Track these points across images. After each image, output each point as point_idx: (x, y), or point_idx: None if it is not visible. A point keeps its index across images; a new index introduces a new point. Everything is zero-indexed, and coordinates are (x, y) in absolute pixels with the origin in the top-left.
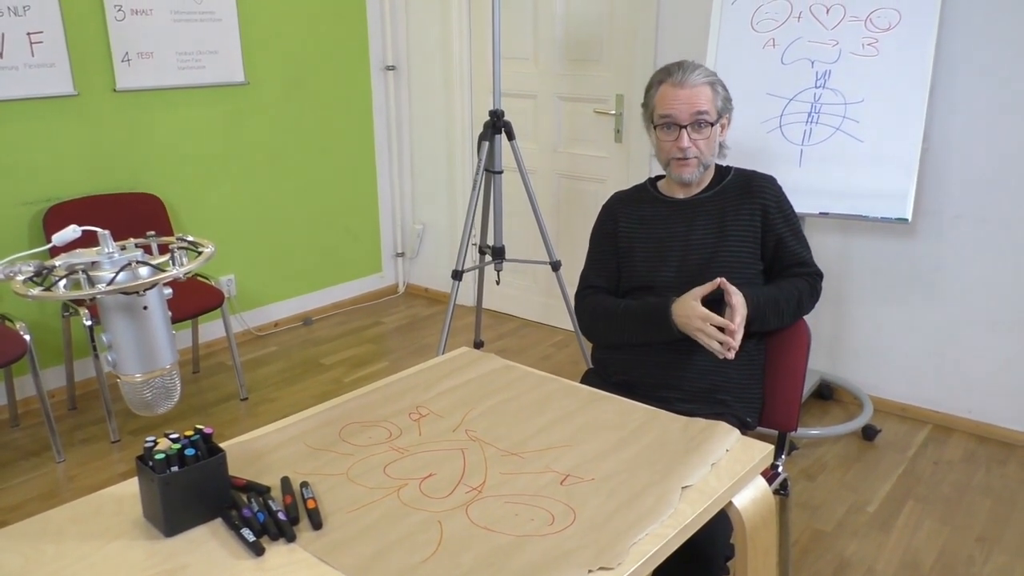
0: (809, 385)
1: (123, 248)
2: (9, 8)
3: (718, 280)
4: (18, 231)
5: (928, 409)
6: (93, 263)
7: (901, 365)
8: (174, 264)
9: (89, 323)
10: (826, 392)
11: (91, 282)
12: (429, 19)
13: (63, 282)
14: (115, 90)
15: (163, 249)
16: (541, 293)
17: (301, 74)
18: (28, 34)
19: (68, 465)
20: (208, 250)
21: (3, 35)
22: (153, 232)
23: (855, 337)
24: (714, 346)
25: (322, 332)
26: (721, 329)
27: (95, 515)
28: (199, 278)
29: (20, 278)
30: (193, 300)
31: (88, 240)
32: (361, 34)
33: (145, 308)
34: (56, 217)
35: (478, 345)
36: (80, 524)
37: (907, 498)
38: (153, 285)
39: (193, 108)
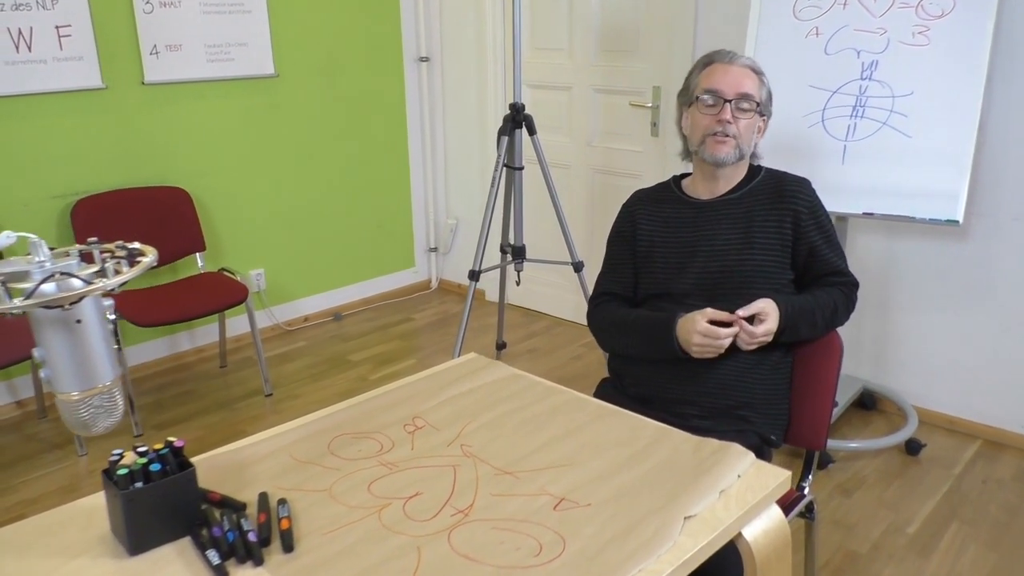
0: (850, 394)
1: (67, 254)
2: (37, 2)
3: (735, 315)
4: (46, 225)
5: (978, 423)
6: (23, 273)
7: (950, 375)
8: (106, 274)
9: (113, 316)
10: (868, 402)
11: (9, 294)
12: (463, 9)
13: None
14: (143, 83)
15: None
16: (574, 291)
17: (332, 66)
18: (56, 27)
19: (90, 459)
20: (147, 259)
21: (31, 28)
22: (95, 238)
23: (901, 345)
24: (714, 347)
25: (352, 328)
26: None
27: (63, 529)
28: (225, 272)
29: None
30: (217, 295)
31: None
32: (394, 25)
33: (79, 322)
34: (84, 211)
35: (500, 347)
36: (47, 538)
37: (952, 519)
38: (81, 298)
39: (222, 101)
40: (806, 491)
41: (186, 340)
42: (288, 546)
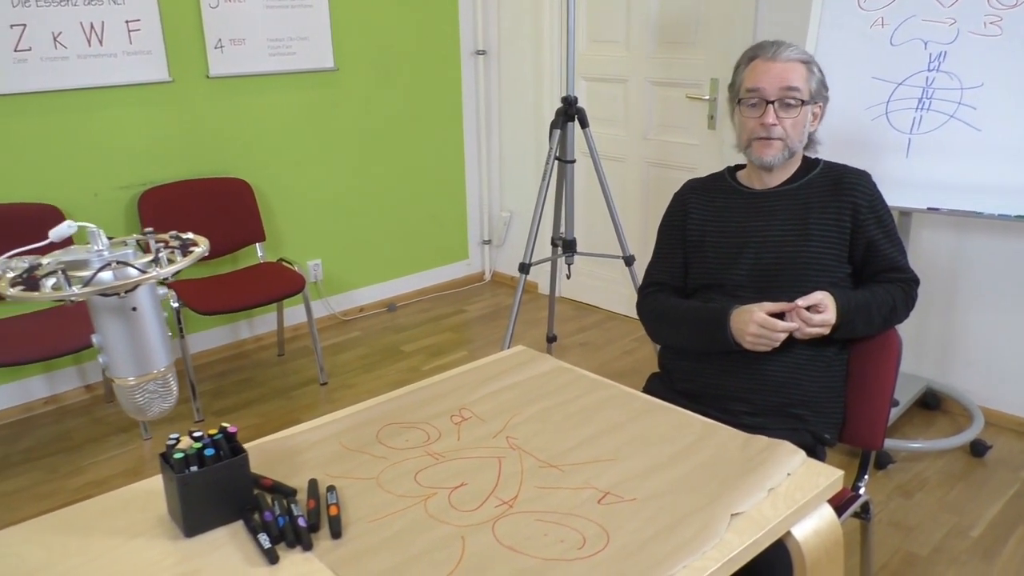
0: (913, 393)
1: (124, 244)
2: None
3: (793, 304)
4: (115, 214)
5: None
6: (82, 261)
7: (1019, 375)
8: (158, 264)
9: (176, 305)
10: (932, 401)
11: (69, 282)
12: (521, 2)
13: (52, 281)
14: (208, 76)
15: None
16: (627, 285)
17: (391, 60)
18: (126, 22)
19: (153, 443)
20: (199, 249)
21: (103, 23)
22: (151, 229)
23: (967, 343)
24: (769, 339)
25: (405, 319)
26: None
27: (123, 510)
28: (283, 263)
29: (10, 275)
30: (275, 285)
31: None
32: (452, 18)
33: (134, 309)
34: (150, 201)
35: (551, 339)
36: (107, 519)
37: (1018, 524)
38: (136, 286)
39: (283, 94)
40: (861, 491)
41: (245, 328)
42: (336, 532)
